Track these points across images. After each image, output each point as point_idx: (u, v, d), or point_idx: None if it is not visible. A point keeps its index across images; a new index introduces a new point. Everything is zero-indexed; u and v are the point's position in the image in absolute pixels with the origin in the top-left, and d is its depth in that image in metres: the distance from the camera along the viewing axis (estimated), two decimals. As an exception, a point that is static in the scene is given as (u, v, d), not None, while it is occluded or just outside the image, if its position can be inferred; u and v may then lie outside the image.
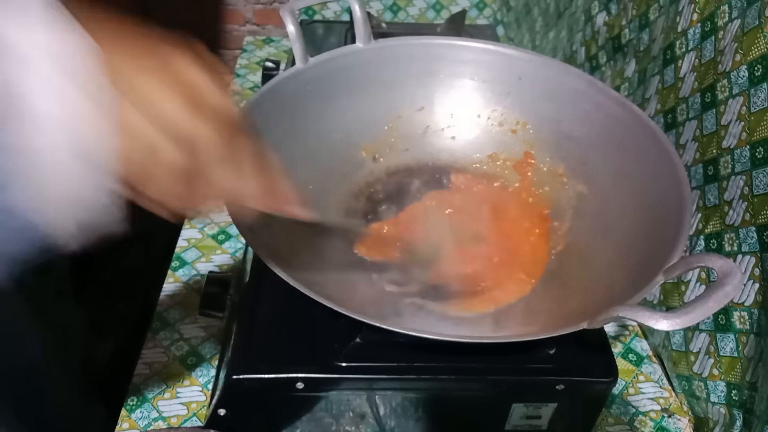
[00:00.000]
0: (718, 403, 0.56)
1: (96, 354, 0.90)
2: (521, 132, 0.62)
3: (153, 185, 0.30)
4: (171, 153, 0.29)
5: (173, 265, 0.73)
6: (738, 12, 0.53)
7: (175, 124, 0.29)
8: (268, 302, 0.50)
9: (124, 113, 0.28)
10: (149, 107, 0.28)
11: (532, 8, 1.08)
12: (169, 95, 0.29)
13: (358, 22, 0.59)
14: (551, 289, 0.51)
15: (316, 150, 0.57)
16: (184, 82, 0.30)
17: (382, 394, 0.47)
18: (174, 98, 0.29)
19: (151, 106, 0.29)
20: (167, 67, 0.30)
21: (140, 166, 0.29)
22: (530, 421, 0.49)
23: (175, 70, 0.30)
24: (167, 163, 0.29)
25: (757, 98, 0.51)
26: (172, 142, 0.29)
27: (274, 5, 1.50)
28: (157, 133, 0.29)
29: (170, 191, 0.31)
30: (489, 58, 0.61)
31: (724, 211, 0.55)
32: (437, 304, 0.50)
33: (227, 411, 0.47)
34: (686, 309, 0.35)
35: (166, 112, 0.29)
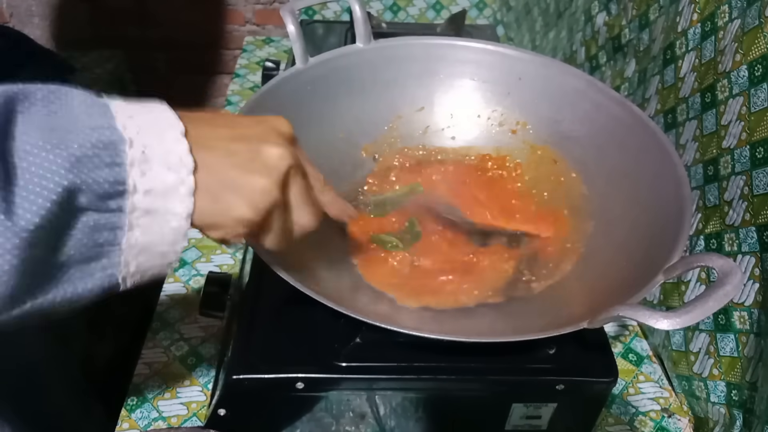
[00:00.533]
0: (718, 403, 0.56)
1: (96, 354, 0.90)
2: (521, 132, 0.62)
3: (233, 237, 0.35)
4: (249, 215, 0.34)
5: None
6: (738, 12, 0.53)
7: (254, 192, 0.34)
8: (268, 302, 0.50)
9: (216, 191, 0.33)
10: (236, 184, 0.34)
11: (532, 8, 1.08)
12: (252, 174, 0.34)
13: (358, 22, 0.59)
14: (551, 288, 0.51)
15: (316, 150, 0.57)
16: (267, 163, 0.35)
17: (382, 394, 0.47)
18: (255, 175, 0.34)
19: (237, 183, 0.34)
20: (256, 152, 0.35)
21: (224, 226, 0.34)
22: (530, 421, 0.49)
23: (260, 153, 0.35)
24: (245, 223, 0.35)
25: (757, 98, 0.51)
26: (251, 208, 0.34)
27: (274, 5, 1.50)
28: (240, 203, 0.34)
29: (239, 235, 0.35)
30: (489, 58, 0.61)
31: (724, 211, 0.55)
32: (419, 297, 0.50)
33: (227, 411, 0.47)
34: (686, 308, 0.35)
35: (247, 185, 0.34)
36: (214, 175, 0.33)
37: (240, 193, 0.34)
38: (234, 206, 0.34)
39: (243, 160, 0.34)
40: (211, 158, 0.33)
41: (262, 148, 0.35)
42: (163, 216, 0.32)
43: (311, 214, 0.38)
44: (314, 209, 0.39)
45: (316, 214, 0.39)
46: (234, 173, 0.34)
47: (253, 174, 0.34)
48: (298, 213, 0.38)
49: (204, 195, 0.33)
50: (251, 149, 0.34)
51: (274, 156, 0.35)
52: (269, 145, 0.35)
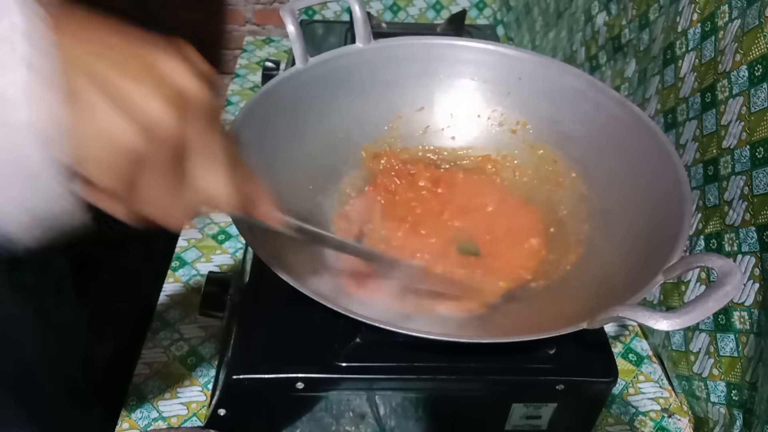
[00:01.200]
0: (718, 403, 0.56)
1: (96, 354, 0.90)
2: (521, 132, 0.62)
3: (108, 175, 0.26)
4: (130, 136, 0.25)
5: (173, 265, 0.73)
6: (738, 12, 0.53)
7: (140, 108, 0.25)
8: (268, 302, 0.50)
9: (81, 92, 0.24)
10: (113, 90, 0.25)
11: (532, 8, 1.08)
12: (139, 84, 0.25)
13: (358, 22, 0.59)
14: (551, 288, 0.51)
15: (316, 150, 0.57)
16: (161, 75, 0.26)
17: (382, 394, 0.47)
18: (143, 86, 0.25)
19: (115, 89, 0.25)
20: (147, 63, 0.26)
21: (93, 150, 0.25)
22: (530, 421, 0.49)
23: (153, 64, 0.26)
24: (125, 147, 0.25)
25: (757, 98, 0.51)
26: (133, 126, 0.25)
27: (274, 5, 1.50)
28: (115, 113, 0.24)
29: (128, 184, 0.26)
30: (489, 58, 0.61)
31: (724, 211, 0.55)
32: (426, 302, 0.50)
33: (227, 411, 0.47)
34: (686, 309, 0.35)
35: (132, 98, 0.25)
36: (91, 79, 0.24)
37: (123, 106, 0.25)
38: (112, 122, 0.24)
39: (132, 66, 0.25)
40: (81, 50, 0.25)
41: (161, 57, 0.26)
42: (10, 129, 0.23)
43: (225, 181, 0.29)
44: (230, 179, 0.29)
45: (232, 186, 0.29)
46: (116, 75, 0.25)
47: (147, 87, 0.25)
48: (205, 170, 0.28)
49: (73, 106, 0.24)
50: (145, 56, 0.26)
51: (178, 71, 0.26)
52: (171, 58, 0.26)
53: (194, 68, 0.27)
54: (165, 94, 0.25)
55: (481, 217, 0.58)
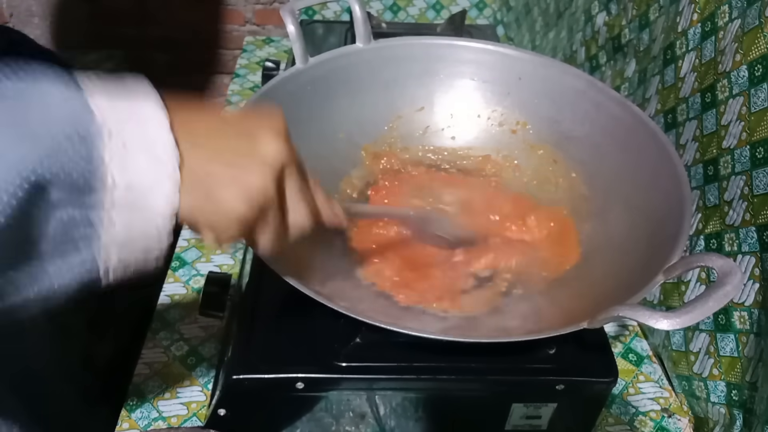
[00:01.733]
0: (718, 403, 0.56)
1: (96, 354, 0.90)
2: (521, 132, 0.62)
3: (224, 235, 0.33)
4: (241, 209, 0.32)
5: (173, 265, 0.73)
6: (738, 12, 0.53)
7: (246, 185, 0.32)
8: (268, 302, 0.50)
9: (207, 182, 0.32)
10: (229, 175, 0.32)
11: (532, 8, 1.08)
12: (244, 167, 0.33)
13: (358, 22, 0.59)
14: (551, 288, 0.51)
15: (316, 150, 0.57)
16: (259, 154, 0.33)
17: (382, 394, 0.47)
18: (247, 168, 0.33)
19: (229, 174, 0.32)
20: (247, 146, 0.33)
21: (214, 221, 0.33)
22: (530, 421, 0.49)
23: (253, 146, 0.33)
24: (237, 218, 0.33)
25: (757, 98, 0.51)
26: (243, 202, 0.32)
27: (274, 5, 1.50)
28: (231, 195, 0.32)
29: (242, 234, 0.34)
30: (489, 58, 0.61)
31: (724, 211, 0.55)
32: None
33: (227, 411, 0.47)
34: (686, 309, 0.35)
35: (239, 177, 0.32)
36: (205, 169, 0.31)
37: (233, 189, 0.32)
38: (227, 203, 0.32)
39: (235, 156, 0.32)
40: (199, 154, 0.31)
41: (257, 142, 0.33)
42: (146, 212, 0.30)
43: (307, 214, 0.37)
44: (310, 208, 0.37)
45: (312, 213, 0.37)
46: (226, 168, 0.32)
47: (247, 169, 0.32)
48: (294, 211, 0.36)
49: (193, 191, 0.31)
50: (245, 143, 0.33)
51: (269, 150, 0.33)
52: (263, 140, 0.33)
53: (281, 134, 0.34)
54: (266, 172, 0.33)
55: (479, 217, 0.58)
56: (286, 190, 0.35)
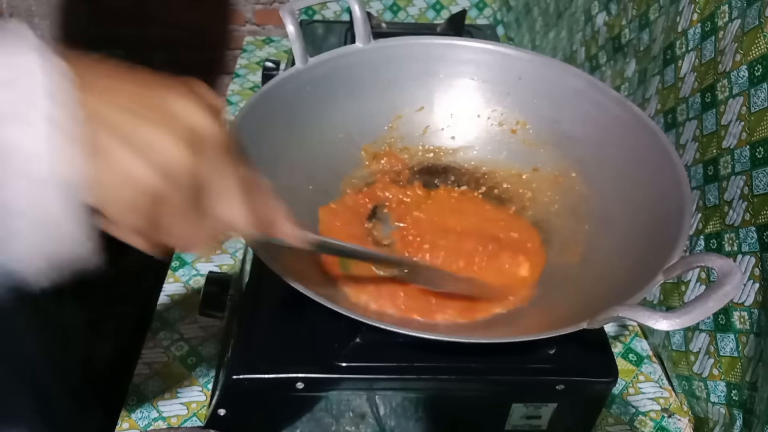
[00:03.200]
0: (718, 403, 0.56)
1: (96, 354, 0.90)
2: (521, 132, 0.62)
3: (131, 215, 0.27)
4: (149, 178, 0.26)
5: (173, 265, 0.73)
6: (738, 12, 0.53)
7: (156, 151, 0.26)
8: (268, 302, 0.50)
9: (101, 142, 0.26)
10: (131, 137, 0.26)
11: (532, 8, 1.08)
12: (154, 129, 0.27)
13: (358, 22, 0.59)
14: (551, 289, 0.51)
15: (316, 150, 0.57)
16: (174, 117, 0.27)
17: (382, 394, 0.47)
18: (157, 131, 0.27)
19: (132, 136, 0.26)
20: (160, 107, 0.27)
21: (116, 194, 0.27)
22: (530, 421, 0.49)
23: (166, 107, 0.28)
24: (145, 189, 0.27)
25: (757, 98, 0.51)
26: (151, 168, 0.26)
27: (274, 5, 1.50)
28: (134, 159, 0.26)
29: (151, 221, 0.28)
30: (489, 58, 0.61)
31: (724, 211, 0.55)
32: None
33: (227, 411, 0.47)
34: (686, 309, 0.35)
35: (148, 142, 0.26)
36: (106, 126, 0.25)
37: (141, 151, 0.26)
38: (132, 167, 0.26)
39: (146, 112, 0.26)
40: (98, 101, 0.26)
41: (173, 99, 0.27)
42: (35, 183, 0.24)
43: (240, 209, 0.30)
44: (247, 205, 0.30)
45: (249, 211, 0.31)
46: (133, 122, 0.26)
47: (161, 131, 0.26)
48: (223, 201, 0.29)
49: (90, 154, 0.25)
50: (158, 100, 0.27)
51: (189, 111, 0.27)
52: (184, 99, 0.27)
53: (205, 104, 0.28)
54: (178, 135, 0.27)
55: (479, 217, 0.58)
56: (213, 171, 0.29)
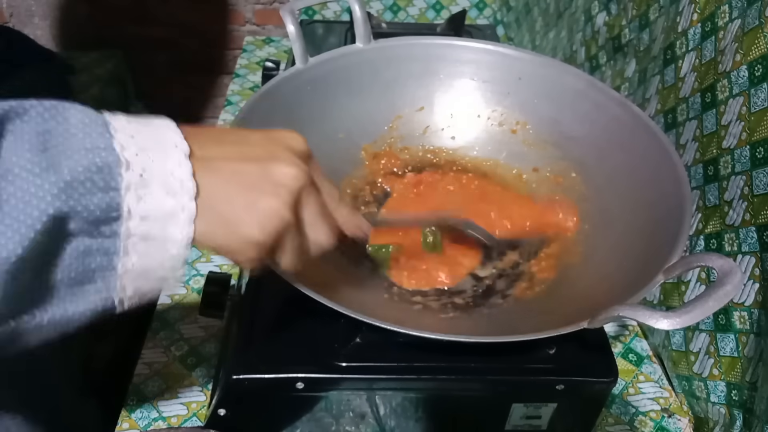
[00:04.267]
0: (718, 403, 0.56)
1: (96, 354, 0.90)
2: (521, 132, 0.62)
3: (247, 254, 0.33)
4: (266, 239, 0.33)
5: (173, 265, 0.73)
6: (738, 12, 0.53)
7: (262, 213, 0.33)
8: (268, 302, 0.50)
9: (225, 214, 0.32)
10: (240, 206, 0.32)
11: (532, 8, 1.08)
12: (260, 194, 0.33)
13: (358, 22, 0.59)
14: (551, 288, 0.51)
15: (316, 150, 0.57)
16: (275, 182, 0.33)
17: (382, 394, 0.47)
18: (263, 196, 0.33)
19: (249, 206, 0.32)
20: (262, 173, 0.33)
21: (242, 253, 0.33)
22: (530, 421, 0.49)
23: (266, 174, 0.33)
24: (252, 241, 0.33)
25: (757, 98, 0.51)
26: (257, 228, 0.32)
27: (274, 5, 1.50)
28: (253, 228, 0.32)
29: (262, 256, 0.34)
30: (489, 58, 0.61)
31: (724, 211, 0.55)
32: None
33: (227, 411, 0.47)
34: (686, 308, 0.35)
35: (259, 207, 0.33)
36: (220, 198, 0.32)
37: (248, 216, 0.32)
38: (242, 230, 0.32)
39: (251, 181, 0.32)
40: (216, 180, 0.32)
41: (273, 168, 0.33)
42: (162, 242, 0.30)
43: (327, 233, 0.37)
44: (330, 227, 0.37)
45: (332, 231, 0.37)
46: (241, 195, 0.32)
47: (263, 195, 0.32)
48: (313, 232, 0.36)
49: (209, 219, 0.31)
50: (260, 169, 0.33)
51: (285, 175, 0.33)
52: (280, 164, 0.33)
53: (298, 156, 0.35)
54: (278, 196, 0.33)
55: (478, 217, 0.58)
56: (305, 213, 0.35)
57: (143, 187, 0.29)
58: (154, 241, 0.30)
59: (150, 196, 0.29)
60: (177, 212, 0.30)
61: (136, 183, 0.29)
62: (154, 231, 0.30)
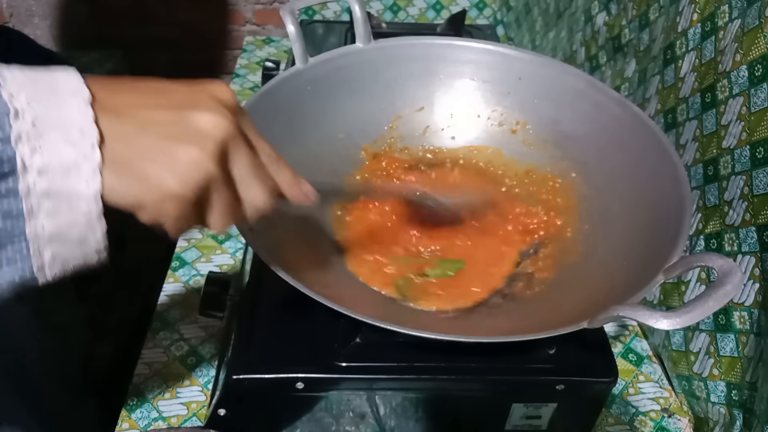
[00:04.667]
0: (718, 403, 0.56)
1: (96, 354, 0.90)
2: (521, 132, 0.62)
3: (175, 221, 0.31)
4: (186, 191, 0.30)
5: (173, 265, 0.73)
6: (738, 12, 0.53)
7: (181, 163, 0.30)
8: (268, 302, 0.50)
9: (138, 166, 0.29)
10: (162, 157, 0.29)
11: (532, 8, 1.08)
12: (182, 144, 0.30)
13: (358, 22, 0.59)
14: (551, 288, 0.51)
15: (316, 150, 0.57)
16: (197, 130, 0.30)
17: (382, 394, 0.47)
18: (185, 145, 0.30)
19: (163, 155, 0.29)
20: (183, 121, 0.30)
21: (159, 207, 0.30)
22: (530, 421, 0.49)
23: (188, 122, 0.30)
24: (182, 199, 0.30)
25: (757, 98, 0.51)
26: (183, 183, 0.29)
27: (274, 5, 1.50)
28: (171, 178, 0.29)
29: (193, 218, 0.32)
30: (489, 58, 0.61)
31: (724, 211, 0.55)
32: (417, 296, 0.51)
33: (227, 411, 0.47)
34: (686, 308, 0.35)
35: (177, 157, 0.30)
36: (130, 146, 0.29)
37: (164, 165, 0.29)
38: (158, 180, 0.29)
39: (167, 129, 0.29)
40: (124, 127, 0.29)
41: (192, 114, 0.30)
42: (68, 198, 0.27)
43: (262, 192, 0.34)
44: (266, 186, 0.34)
45: (269, 191, 0.34)
46: (155, 143, 0.29)
47: (182, 144, 0.29)
48: (245, 191, 0.33)
49: (118, 170, 0.28)
50: (179, 116, 0.30)
51: (206, 122, 0.30)
52: (201, 111, 0.30)
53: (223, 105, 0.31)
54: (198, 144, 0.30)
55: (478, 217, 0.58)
56: (234, 168, 0.32)
57: (37, 138, 0.26)
58: (59, 198, 0.27)
59: (46, 147, 0.27)
60: (79, 162, 0.27)
61: (29, 132, 0.26)
62: (56, 185, 0.27)
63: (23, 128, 0.26)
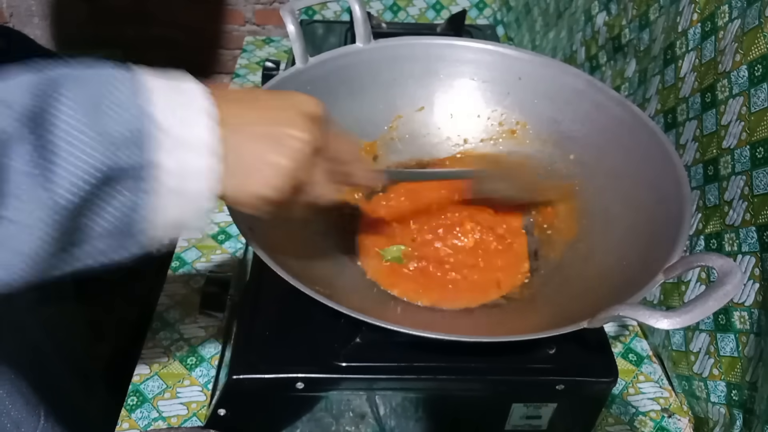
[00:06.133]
0: (718, 403, 0.56)
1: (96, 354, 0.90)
2: (521, 132, 0.62)
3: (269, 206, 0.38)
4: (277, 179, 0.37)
5: (173, 265, 0.73)
6: (738, 12, 0.53)
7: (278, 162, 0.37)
8: (268, 302, 0.50)
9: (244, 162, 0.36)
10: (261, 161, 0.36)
11: (532, 8, 1.08)
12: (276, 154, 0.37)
13: (358, 22, 0.59)
14: (551, 288, 0.51)
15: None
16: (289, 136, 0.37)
17: (382, 394, 0.47)
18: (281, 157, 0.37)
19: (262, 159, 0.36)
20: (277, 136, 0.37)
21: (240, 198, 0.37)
22: (530, 421, 0.49)
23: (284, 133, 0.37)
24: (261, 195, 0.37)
25: (757, 98, 0.51)
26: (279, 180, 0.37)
27: (274, 5, 1.50)
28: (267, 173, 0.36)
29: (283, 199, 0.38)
30: (489, 58, 0.61)
31: (724, 211, 0.55)
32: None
33: (227, 411, 0.47)
34: (686, 308, 0.35)
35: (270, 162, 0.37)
36: (241, 158, 0.35)
37: (263, 176, 0.36)
38: (257, 187, 0.36)
39: (267, 144, 0.36)
40: (237, 142, 0.35)
41: (286, 131, 0.37)
42: (192, 196, 0.34)
43: (333, 190, 0.41)
44: (337, 186, 0.41)
45: (339, 189, 0.42)
46: (258, 156, 0.36)
47: (277, 156, 0.36)
48: (321, 188, 0.40)
49: (230, 177, 0.35)
50: (276, 132, 0.37)
51: (298, 140, 0.37)
52: (293, 129, 0.37)
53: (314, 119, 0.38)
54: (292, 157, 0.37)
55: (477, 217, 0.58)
56: (314, 172, 0.39)
57: (178, 149, 0.33)
58: (185, 196, 0.34)
59: (183, 157, 0.33)
60: (206, 170, 0.34)
61: (169, 144, 0.32)
62: (186, 186, 0.34)
63: (166, 141, 0.32)
